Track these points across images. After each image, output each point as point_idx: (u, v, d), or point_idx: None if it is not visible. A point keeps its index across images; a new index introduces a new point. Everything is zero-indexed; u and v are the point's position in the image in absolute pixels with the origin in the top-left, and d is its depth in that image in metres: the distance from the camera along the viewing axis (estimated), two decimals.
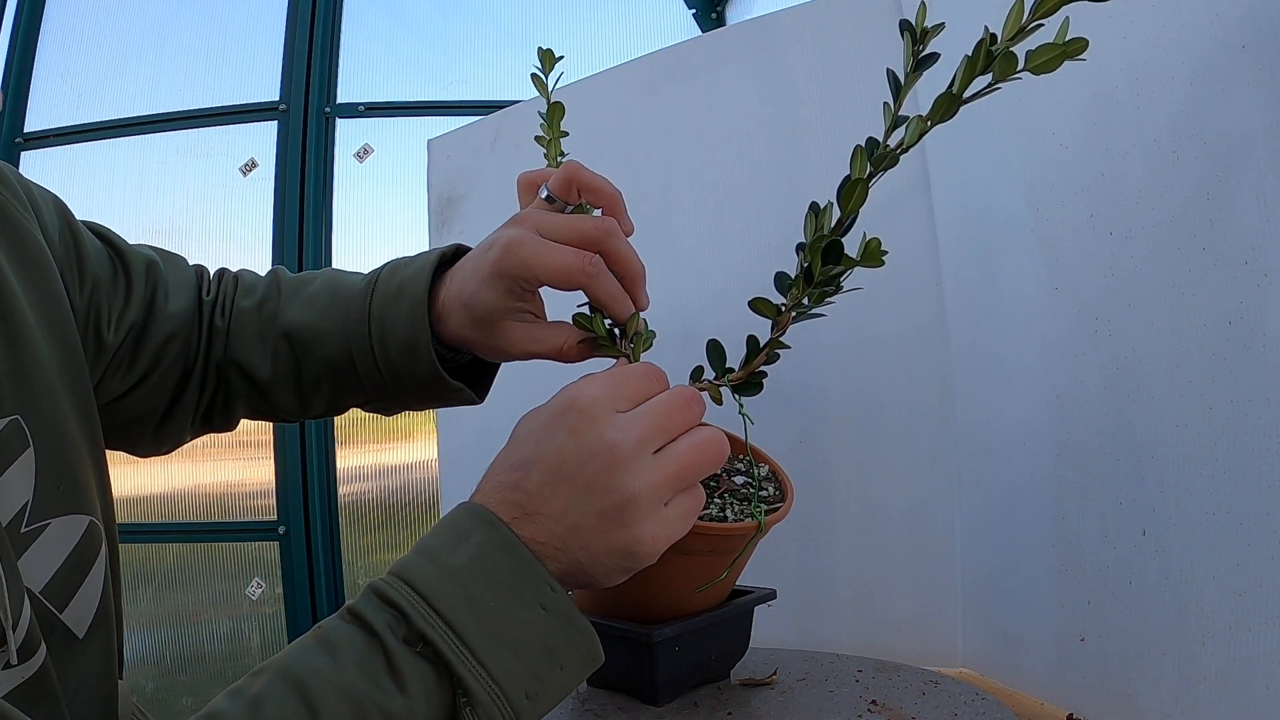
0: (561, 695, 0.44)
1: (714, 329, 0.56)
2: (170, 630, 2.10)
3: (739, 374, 0.55)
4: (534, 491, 0.45)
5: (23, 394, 0.48)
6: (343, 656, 0.40)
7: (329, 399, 0.65)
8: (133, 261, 0.61)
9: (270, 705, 0.39)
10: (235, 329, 0.65)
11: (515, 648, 0.42)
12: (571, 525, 0.44)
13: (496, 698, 0.41)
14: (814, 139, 0.89)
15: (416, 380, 0.61)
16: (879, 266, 0.50)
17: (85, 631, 0.50)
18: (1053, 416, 0.70)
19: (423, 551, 0.44)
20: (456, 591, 0.42)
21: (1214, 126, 0.55)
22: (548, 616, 0.43)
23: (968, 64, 0.46)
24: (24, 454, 0.47)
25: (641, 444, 0.45)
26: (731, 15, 2.36)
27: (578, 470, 0.44)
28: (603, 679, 0.67)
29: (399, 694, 0.39)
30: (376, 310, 0.61)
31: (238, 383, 0.65)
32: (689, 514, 0.47)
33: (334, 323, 0.62)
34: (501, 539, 0.44)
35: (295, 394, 0.65)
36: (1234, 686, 0.54)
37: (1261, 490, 0.52)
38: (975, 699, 0.59)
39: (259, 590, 2.13)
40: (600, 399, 0.46)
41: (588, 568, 0.45)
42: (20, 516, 0.47)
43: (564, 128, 0.66)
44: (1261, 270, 0.52)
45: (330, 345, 0.62)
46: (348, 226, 2.23)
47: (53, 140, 2.21)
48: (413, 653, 0.41)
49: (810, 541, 0.88)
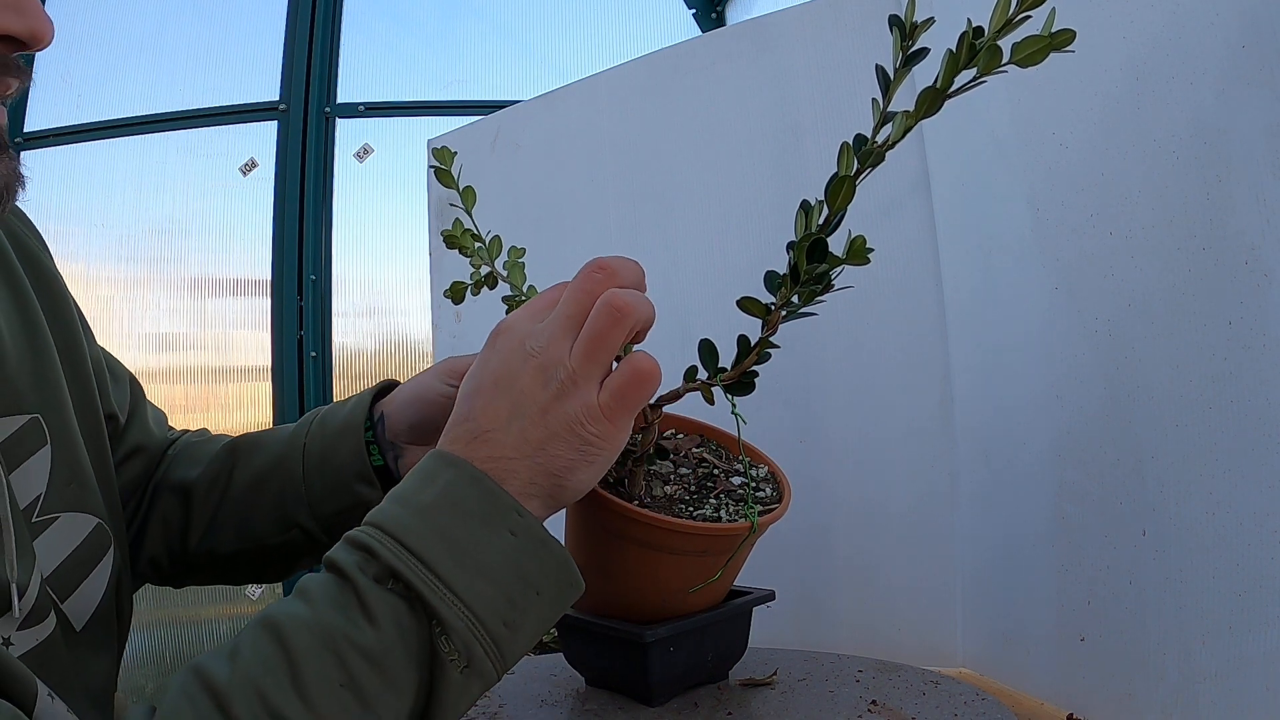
0: (542, 625, 0.45)
1: (712, 329, 0.55)
2: (170, 630, 2.10)
3: (731, 373, 0.55)
4: (480, 414, 0.46)
5: (43, 397, 0.52)
6: (315, 599, 0.41)
7: (241, 520, 0.65)
8: (119, 370, 0.67)
9: (246, 649, 0.40)
10: (181, 453, 0.69)
11: (487, 573, 0.42)
12: (520, 430, 0.45)
13: (472, 623, 0.41)
14: (813, 139, 0.89)
15: (337, 473, 0.63)
16: (864, 264, 0.49)
17: (83, 626, 0.53)
18: (1053, 417, 0.70)
19: (392, 498, 0.45)
20: (423, 526, 0.43)
21: (1214, 126, 0.55)
22: (517, 540, 0.44)
23: (950, 58, 0.45)
24: (42, 450, 0.51)
25: (557, 336, 0.47)
26: (731, 15, 2.36)
27: (511, 380, 0.46)
28: (600, 679, 0.66)
29: (370, 628, 0.40)
30: (323, 413, 0.66)
31: (164, 500, 0.67)
32: (632, 377, 0.47)
33: (278, 434, 0.67)
34: (467, 474, 0.45)
35: (214, 508, 0.66)
36: (1234, 686, 0.54)
37: (1261, 490, 0.52)
38: (975, 699, 0.59)
39: (259, 590, 2.13)
40: (517, 319, 0.49)
41: (550, 469, 0.46)
42: (33, 506, 0.50)
43: (564, 128, 0.66)
44: (1261, 270, 0.52)
45: (267, 452, 0.66)
46: (348, 226, 2.23)
47: (53, 140, 2.20)
48: (384, 589, 0.41)
49: (810, 541, 0.88)
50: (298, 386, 2.12)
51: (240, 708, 0.38)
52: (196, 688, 0.38)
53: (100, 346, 0.64)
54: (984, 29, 0.44)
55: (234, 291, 2.19)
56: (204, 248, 2.20)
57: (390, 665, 0.40)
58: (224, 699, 0.38)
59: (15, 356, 0.51)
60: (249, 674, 0.39)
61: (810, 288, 0.51)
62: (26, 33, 0.42)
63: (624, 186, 1.04)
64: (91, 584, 0.54)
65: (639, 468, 0.59)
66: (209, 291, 2.18)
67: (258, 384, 2.16)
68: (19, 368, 0.52)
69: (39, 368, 0.53)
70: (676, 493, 0.60)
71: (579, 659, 0.67)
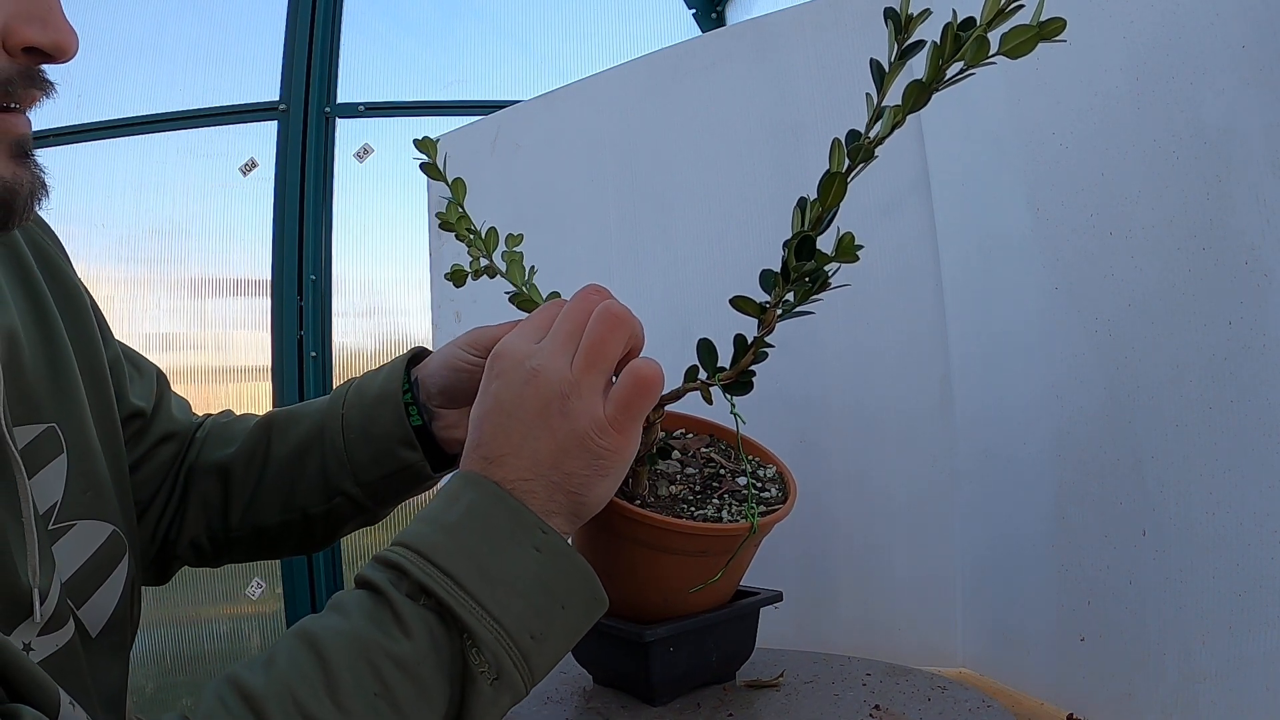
0: (569, 638, 0.46)
1: (713, 329, 0.55)
2: (170, 630, 2.10)
3: (729, 373, 0.55)
4: (491, 440, 0.47)
5: (61, 407, 0.53)
6: (350, 612, 0.42)
7: (287, 492, 0.66)
8: (144, 364, 0.68)
9: (282, 658, 0.40)
10: (213, 434, 0.70)
11: (513, 587, 0.43)
12: (532, 452, 0.46)
13: (500, 636, 0.42)
14: (813, 139, 0.89)
15: (379, 441, 0.63)
16: (854, 261, 0.49)
17: (98, 632, 0.53)
18: (1053, 416, 0.70)
19: (419, 519, 0.46)
20: (451, 543, 0.44)
21: (1214, 126, 0.55)
22: (542, 557, 0.45)
23: (935, 50, 0.45)
24: (58, 459, 0.52)
25: (556, 355, 0.48)
26: (731, 15, 2.36)
27: (516, 405, 0.47)
28: (605, 677, 0.67)
29: (405, 639, 0.41)
30: (358, 382, 0.67)
31: (200, 481, 0.68)
32: (635, 386, 0.48)
33: (313, 405, 0.68)
34: (490, 494, 0.46)
35: (256, 482, 0.66)
36: (1234, 686, 0.54)
37: (1261, 490, 0.52)
38: (980, 706, 0.59)
39: (259, 591, 2.13)
40: (514, 341, 0.50)
41: (566, 486, 0.47)
42: (50, 514, 0.51)
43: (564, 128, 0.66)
44: (1261, 270, 0.52)
45: (304, 425, 0.66)
46: (348, 226, 2.22)
47: (52, 140, 2.20)
48: (416, 605, 0.42)
49: (810, 541, 0.88)
50: (298, 386, 2.12)
51: (275, 713, 0.38)
52: (232, 695, 0.39)
53: (120, 342, 0.65)
54: (974, 20, 0.44)
55: (234, 291, 2.19)
56: (204, 248, 2.20)
57: (424, 676, 0.41)
58: (259, 706, 0.38)
59: (33, 366, 0.52)
60: (285, 682, 0.39)
61: (804, 286, 0.51)
62: (51, 45, 0.42)
63: (624, 186, 1.04)
64: (107, 591, 0.54)
65: (642, 467, 0.59)
66: (209, 291, 2.18)
67: (258, 384, 2.16)
68: (37, 377, 0.52)
69: (57, 377, 0.54)
70: (681, 492, 0.61)
71: (585, 658, 0.68)
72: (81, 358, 0.57)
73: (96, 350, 0.58)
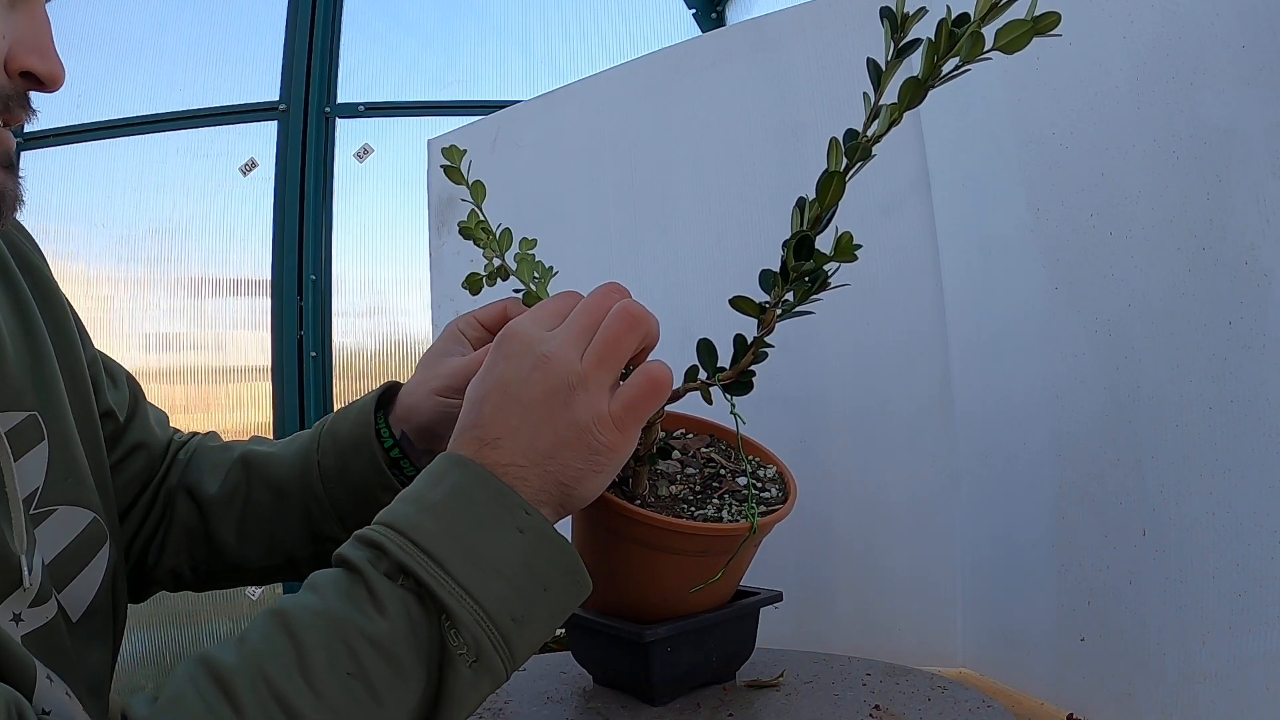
0: (551, 623, 0.45)
1: (713, 329, 0.56)
2: (170, 630, 2.10)
3: (729, 373, 0.55)
4: (489, 420, 0.47)
5: (41, 398, 0.54)
6: (325, 591, 0.42)
7: (269, 535, 0.66)
8: (119, 373, 0.68)
9: (254, 636, 0.40)
10: (195, 458, 0.69)
11: (495, 568, 0.43)
12: (530, 438, 0.46)
13: (479, 617, 0.41)
14: (813, 139, 0.89)
15: (358, 487, 0.63)
16: (852, 261, 0.49)
17: (79, 617, 0.54)
18: (1053, 417, 0.70)
19: (402, 498, 0.46)
20: (432, 523, 0.43)
21: (1214, 126, 0.55)
22: (525, 538, 0.44)
23: (929, 46, 0.45)
24: (39, 445, 0.53)
25: (568, 345, 0.47)
26: (731, 15, 2.36)
27: (521, 388, 0.47)
28: (605, 677, 0.67)
29: (381, 618, 0.40)
30: (329, 424, 0.66)
31: (181, 508, 0.67)
32: (645, 386, 0.48)
33: (289, 448, 0.67)
34: (475, 475, 0.45)
35: (236, 523, 0.66)
36: (1234, 686, 0.54)
37: (1261, 490, 0.52)
38: (980, 706, 0.59)
39: (259, 591, 2.13)
40: (527, 324, 0.49)
41: (560, 477, 0.46)
42: (31, 499, 0.52)
43: (564, 128, 0.66)
44: (1261, 270, 0.52)
45: (282, 467, 0.66)
46: (348, 226, 2.22)
47: (52, 140, 2.20)
48: (394, 585, 0.42)
49: (811, 541, 0.88)
50: (298, 386, 2.12)
51: (245, 692, 0.37)
52: (201, 673, 0.38)
53: (97, 349, 0.65)
54: (969, 16, 0.44)
55: (234, 291, 2.19)
56: (204, 248, 2.20)
57: (400, 656, 0.40)
58: (228, 683, 0.38)
59: (15, 357, 0.53)
60: (255, 659, 0.39)
61: (803, 286, 0.51)
62: (47, 74, 0.46)
63: (624, 186, 1.04)
64: (88, 576, 0.55)
65: (642, 467, 0.59)
66: (209, 291, 2.18)
67: (257, 384, 2.16)
68: (18, 367, 0.53)
69: (37, 369, 0.55)
70: (681, 492, 0.61)
71: (586, 657, 0.68)
72: (61, 356, 0.57)
73: (76, 350, 0.59)
